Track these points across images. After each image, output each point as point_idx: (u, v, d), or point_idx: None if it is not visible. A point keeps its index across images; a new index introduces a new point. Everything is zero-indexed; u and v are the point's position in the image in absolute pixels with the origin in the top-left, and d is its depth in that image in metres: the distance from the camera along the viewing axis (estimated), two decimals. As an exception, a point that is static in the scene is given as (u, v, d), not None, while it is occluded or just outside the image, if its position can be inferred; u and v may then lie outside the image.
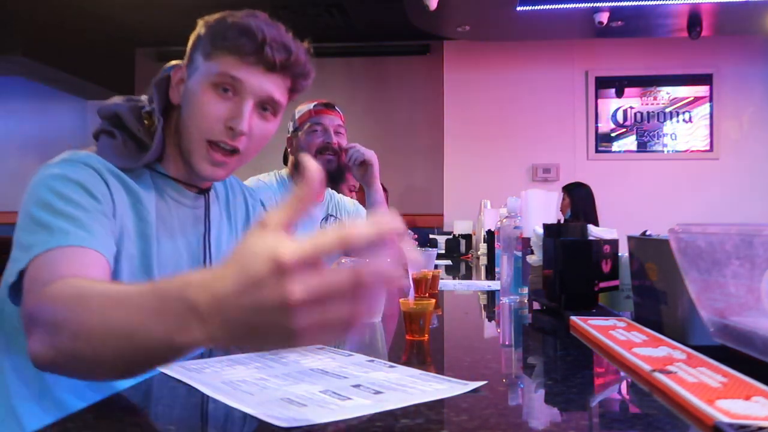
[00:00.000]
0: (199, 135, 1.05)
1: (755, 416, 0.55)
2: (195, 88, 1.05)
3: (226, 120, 1.04)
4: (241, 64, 1.03)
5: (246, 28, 1.02)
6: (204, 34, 1.07)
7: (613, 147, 5.68)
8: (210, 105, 1.04)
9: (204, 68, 1.05)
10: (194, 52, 1.08)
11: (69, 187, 0.95)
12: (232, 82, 1.03)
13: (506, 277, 1.54)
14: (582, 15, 4.75)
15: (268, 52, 1.03)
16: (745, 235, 0.71)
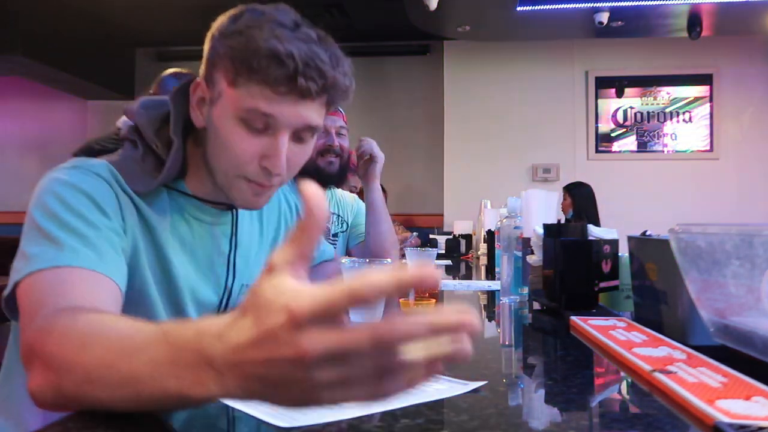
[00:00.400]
0: (232, 172, 0.94)
1: (755, 416, 0.55)
2: (221, 120, 0.92)
3: (261, 159, 0.92)
4: (273, 96, 0.88)
5: (275, 54, 0.86)
6: (224, 54, 0.91)
7: (614, 147, 5.68)
8: (243, 143, 0.91)
9: (229, 98, 0.91)
10: (214, 70, 0.94)
11: (78, 199, 0.87)
12: (264, 119, 0.90)
13: (506, 277, 1.54)
14: (582, 15, 4.75)
15: (302, 81, 0.88)
16: (745, 235, 0.71)
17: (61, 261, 0.80)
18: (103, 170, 0.93)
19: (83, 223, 0.85)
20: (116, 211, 0.91)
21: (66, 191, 0.87)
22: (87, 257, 0.81)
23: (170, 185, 0.99)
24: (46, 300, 0.76)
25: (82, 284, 0.80)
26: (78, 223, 0.85)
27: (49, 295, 0.76)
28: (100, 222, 0.87)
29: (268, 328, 0.46)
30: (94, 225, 0.86)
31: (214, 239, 1.05)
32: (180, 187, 1.00)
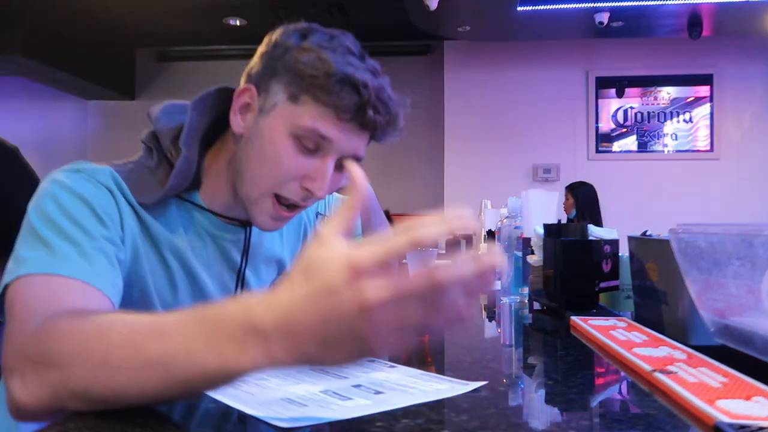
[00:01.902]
0: (268, 187, 0.90)
1: (756, 416, 0.55)
2: (272, 131, 0.89)
3: (303, 179, 0.89)
4: (336, 122, 0.86)
5: (351, 81, 0.85)
6: (291, 66, 0.87)
7: (614, 147, 5.68)
8: (290, 159, 0.88)
9: (287, 111, 0.88)
10: (271, 79, 0.90)
11: (76, 205, 0.84)
12: (320, 141, 0.87)
13: (507, 277, 1.54)
14: (582, 15, 4.75)
15: (371, 114, 0.87)
16: (745, 235, 0.71)
17: (52, 268, 0.77)
18: (105, 176, 0.89)
19: (79, 230, 0.82)
20: (115, 219, 0.88)
21: (64, 196, 0.84)
22: (79, 267, 0.79)
23: (183, 196, 0.95)
24: (36, 306, 0.73)
25: (73, 294, 0.77)
26: (73, 231, 0.82)
27: (39, 301, 0.74)
28: (96, 231, 0.84)
29: (327, 283, 0.47)
30: (90, 234, 0.83)
31: (224, 253, 1.01)
32: (194, 199, 0.96)
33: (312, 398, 0.65)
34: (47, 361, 0.63)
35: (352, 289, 0.46)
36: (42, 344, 0.65)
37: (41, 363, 0.64)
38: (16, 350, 0.68)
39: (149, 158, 0.95)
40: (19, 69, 5.49)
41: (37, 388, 0.63)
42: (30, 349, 0.66)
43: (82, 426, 0.58)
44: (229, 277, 1.02)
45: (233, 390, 0.68)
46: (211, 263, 1.00)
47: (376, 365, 0.81)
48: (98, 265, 0.81)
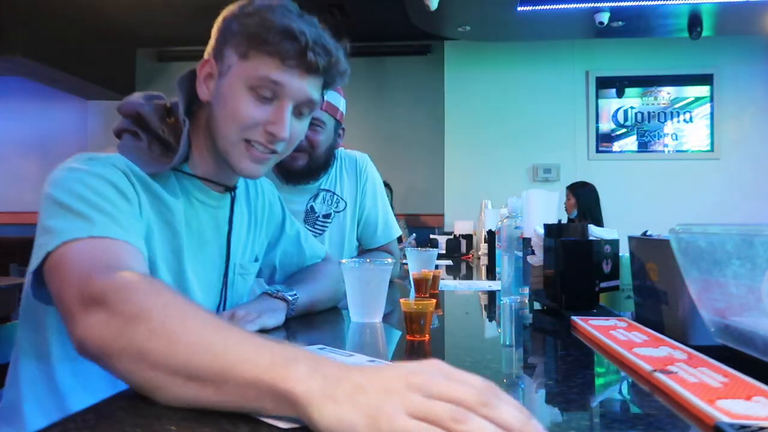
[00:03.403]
0: (237, 136, 1.02)
1: (756, 416, 0.55)
2: (231, 88, 1.01)
3: (266, 124, 1.02)
4: (283, 68, 1.00)
5: (289, 31, 0.98)
6: (238, 31, 1.01)
7: (614, 147, 5.68)
8: (250, 108, 1.01)
9: (240, 69, 1.01)
10: (224, 46, 1.03)
11: (102, 184, 0.91)
12: (272, 87, 1.00)
13: (507, 278, 1.53)
14: (582, 15, 4.75)
15: (311, 56, 1.00)
16: (745, 235, 0.71)
17: (96, 232, 0.83)
18: (117, 161, 0.97)
19: (108, 203, 0.89)
20: (134, 198, 0.95)
21: (89, 178, 0.91)
22: (119, 231, 0.85)
23: (177, 168, 1.05)
24: (93, 260, 0.78)
25: (124, 253, 0.83)
26: (104, 203, 0.88)
27: (95, 257, 0.79)
28: (122, 205, 0.91)
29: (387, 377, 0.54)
30: (118, 206, 0.90)
31: (216, 221, 1.13)
32: (185, 169, 1.07)
33: (312, 398, 0.65)
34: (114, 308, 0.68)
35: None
36: (112, 292, 0.70)
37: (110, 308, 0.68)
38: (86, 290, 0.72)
39: (136, 140, 1.04)
40: (19, 69, 5.50)
41: (101, 329, 0.67)
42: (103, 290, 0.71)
43: (82, 426, 0.58)
44: (221, 246, 1.15)
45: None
46: (208, 232, 1.12)
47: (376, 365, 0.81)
48: (131, 231, 0.89)
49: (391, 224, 1.98)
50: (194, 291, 1.08)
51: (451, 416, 0.49)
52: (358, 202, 1.93)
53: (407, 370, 0.53)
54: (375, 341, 1.10)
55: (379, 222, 1.95)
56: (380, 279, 1.18)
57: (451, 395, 0.51)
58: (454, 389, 0.51)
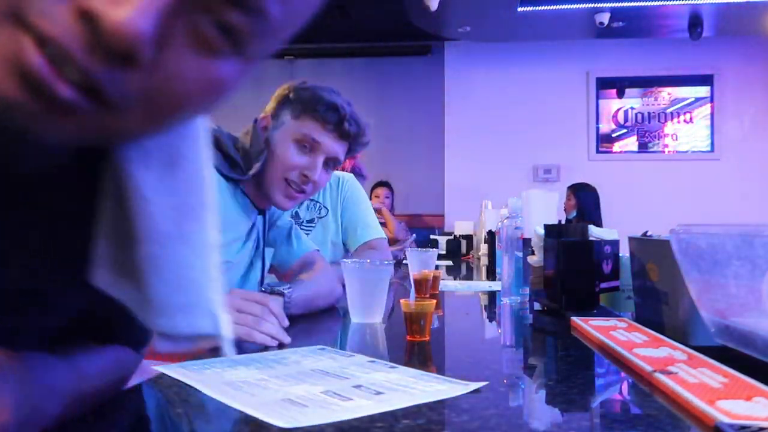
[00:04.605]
0: (279, 174, 1.36)
1: (756, 417, 0.55)
2: (282, 139, 1.37)
3: (303, 168, 1.36)
4: (323, 131, 1.37)
5: (333, 105, 1.37)
6: (294, 99, 1.39)
7: (614, 147, 5.68)
8: (293, 155, 1.36)
9: (291, 126, 1.37)
10: (281, 109, 1.40)
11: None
12: (312, 143, 1.37)
13: (507, 278, 1.54)
14: (583, 16, 4.75)
15: (346, 126, 1.38)
16: (745, 235, 0.71)
17: None
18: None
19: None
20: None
21: None
22: None
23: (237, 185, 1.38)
24: None
25: None
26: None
27: None
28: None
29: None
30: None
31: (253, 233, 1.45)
32: (241, 187, 1.40)
33: (312, 399, 0.65)
34: None
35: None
36: None
37: None
38: None
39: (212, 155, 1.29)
40: (19, 69, 5.49)
41: None
42: None
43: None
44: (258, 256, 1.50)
45: (234, 391, 0.68)
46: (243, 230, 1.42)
47: (376, 366, 0.81)
48: None
49: (371, 225, 2.14)
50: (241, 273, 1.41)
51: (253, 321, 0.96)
52: (339, 211, 2.16)
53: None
54: (375, 342, 1.11)
55: (358, 224, 2.12)
56: (380, 279, 1.19)
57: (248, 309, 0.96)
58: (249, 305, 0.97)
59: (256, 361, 0.85)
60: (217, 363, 0.83)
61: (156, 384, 0.74)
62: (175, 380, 0.74)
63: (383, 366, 0.81)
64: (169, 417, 0.60)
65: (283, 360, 0.85)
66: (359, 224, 2.10)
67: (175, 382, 0.73)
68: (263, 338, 0.96)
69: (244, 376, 0.75)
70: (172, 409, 0.63)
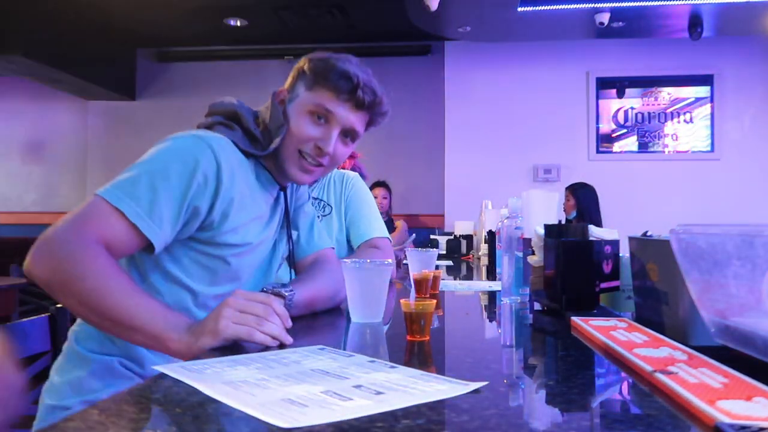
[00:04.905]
0: (294, 147, 1.30)
1: (756, 417, 0.55)
2: (296, 111, 1.31)
3: (317, 140, 1.30)
4: (337, 100, 1.29)
5: (345, 73, 1.28)
6: (308, 69, 1.32)
7: (614, 147, 5.68)
8: (307, 126, 1.30)
9: (305, 97, 1.31)
10: (297, 81, 1.34)
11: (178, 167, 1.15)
12: (326, 113, 1.29)
13: (507, 278, 1.54)
14: (583, 16, 4.75)
15: (360, 94, 1.29)
16: (746, 235, 0.71)
17: (122, 205, 1.09)
18: (216, 142, 1.21)
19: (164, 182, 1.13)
20: (211, 180, 1.17)
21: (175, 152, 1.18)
22: (144, 222, 1.10)
23: (258, 160, 1.33)
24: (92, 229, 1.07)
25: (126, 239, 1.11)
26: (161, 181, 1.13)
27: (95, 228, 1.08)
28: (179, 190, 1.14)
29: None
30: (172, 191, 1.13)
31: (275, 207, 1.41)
32: (262, 162, 1.35)
33: (312, 399, 0.65)
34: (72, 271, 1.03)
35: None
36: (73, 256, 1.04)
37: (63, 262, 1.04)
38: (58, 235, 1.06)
39: (233, 132, 1.30)
40: (19, 69, 5.49)
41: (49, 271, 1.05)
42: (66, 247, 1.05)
43: (82, 426, 0.58)
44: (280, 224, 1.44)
45: (234, 391, 0.68)
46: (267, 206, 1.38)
47: (376, 366, 0.81)
48: (157, 222, 1.12)
49: (374, 224, 2.11)
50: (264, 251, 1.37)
51: (255, 322, 0.96)
52: (343, 209, 2.13)
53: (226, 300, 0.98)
54: (375, 342, 1.11)
55: (362, 221, 2.10)
56: (380, 279, 1.19)
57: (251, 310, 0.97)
58: (252, 306, 0.97)
59: (256, 361, 0.85)
60: (217, 363, 0.83)
61: (156, 384, 0.74)
62: (175, 380, 0.74)
63: (383, 366, 0.81)
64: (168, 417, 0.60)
65: (283, 360, 0.85)
66: (362, 222, 2.09)
67: (175, 382, 0.73)
68: (264, 338, 0.96)
69: (244, 376, 0.75)
70: (172, 409, 0.63)
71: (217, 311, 0.98)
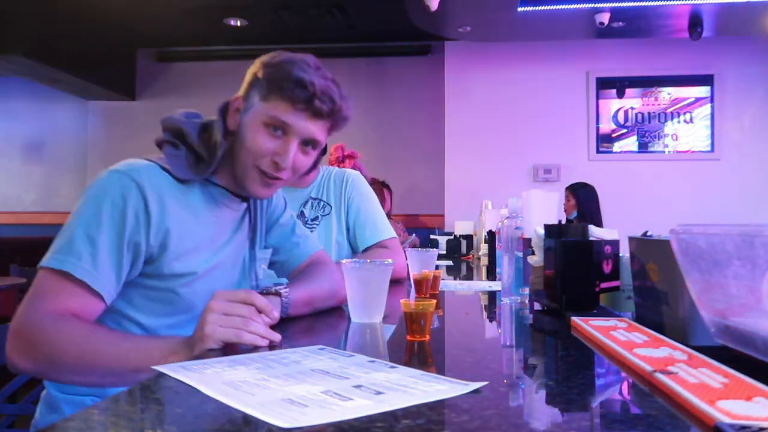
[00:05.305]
0: (251, 163, 1.23)
1: (756, 417, 0.55)
2: (250, 123, 1.23)
3: (273, 155, 1.22)
4: (293, 111, 1.21)
5: (301, 81, 1.20)
6: (262, 77, 1.24)
7: (614, 148, 5.68)
8: (263, 140, 1.22)
9: (260, 108, 1.23)
10: (251, 89, 1.26)
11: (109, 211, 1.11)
12: (282, 125, 1.22)
13: (507, 278, 1.53)
14: (583, 16, 4.75)
15: (317, 104, 1.22)
16: (746, 235, 0.71)
17: (66, 267, 1.06)
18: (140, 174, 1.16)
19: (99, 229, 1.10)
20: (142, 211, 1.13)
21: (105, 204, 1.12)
22: (91, 275, 1.07)
23: (207, 178, 1.26)
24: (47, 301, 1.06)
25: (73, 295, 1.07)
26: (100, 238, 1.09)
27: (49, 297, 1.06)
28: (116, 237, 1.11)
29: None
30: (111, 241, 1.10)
31: (240, 223, 1.35)
32: (213, 180, 1.28)
33: (312, 399, 0.65)
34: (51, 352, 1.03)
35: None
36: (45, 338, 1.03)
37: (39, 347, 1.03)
38: (23, 326, 1.04)
39: (176, 150, 1.24)
40: (19, 69, 5.49)
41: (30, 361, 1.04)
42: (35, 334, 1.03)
43: (82, 426, 0.58)
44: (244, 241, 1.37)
45: (234, 391, 0.68)
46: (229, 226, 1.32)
47: (376, 366, 0.81)
48: (104, 271, 1.09)
49: (379, 226, 2.08)
50: (222, 275, 1.29)
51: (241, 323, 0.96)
52: (345, 209, 2.09)
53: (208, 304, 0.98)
54: (375, 342, 1.10)
55: (368, 223, 2.07)
56: (380, 279, 1.18)
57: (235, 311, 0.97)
58: (235, 307, 0.98)
59: (256, 361, 0.85)
60: (217, 363, 0.83)
61: (156, 384, 0.74)
62: (175, 380, 0.74)
63: (383, 366, 0.81)
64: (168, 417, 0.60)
65: (283, 360, 0.85)
66: (367, 225, 2.05)
67: (175, 382, 0.73)
68: (253, 338, 0.96)
69: (244, 376, 0.75)
70: (172, 409, 0.63)
71: (202, 318, 0.98)
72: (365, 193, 2.12)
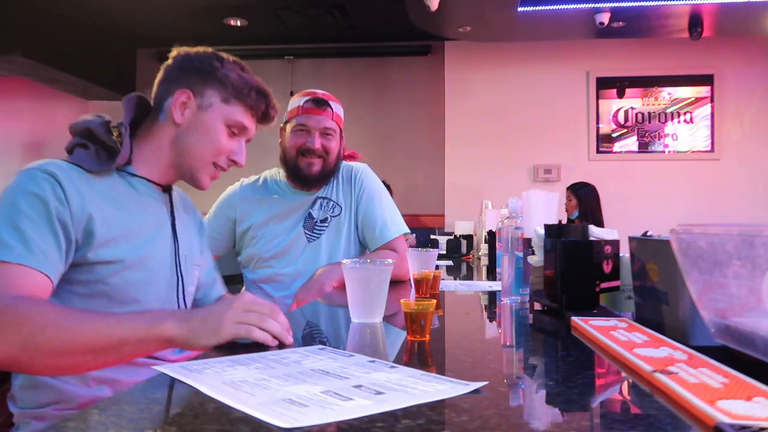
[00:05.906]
0: (209, 158, 1.32)
1: (756, 417, 0.55)
2: (210, 122, 1.32)
3: (230, 154, 1.35)
4: (252, 118, 1.37)
5: (263, 92, 1.37)
6: (223, 79, 1.33)
7: (615, 147, 5.68)
8: (225, 141, 1.33)
9: (221, 110, 1.32)
10: (206, 86, 1.33)
11: (26, 198, 1.10)
12: (241, 128, 1.35)
13: (507, 278, 1.54)
14: (583, 15, 4.75)
15: (272, 113, 1.40)
16: (746, 235, 0.71)
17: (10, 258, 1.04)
18: (51, 167, 1.15)
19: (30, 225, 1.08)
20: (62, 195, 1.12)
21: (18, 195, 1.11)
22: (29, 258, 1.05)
23: (122, 168, 1.28)
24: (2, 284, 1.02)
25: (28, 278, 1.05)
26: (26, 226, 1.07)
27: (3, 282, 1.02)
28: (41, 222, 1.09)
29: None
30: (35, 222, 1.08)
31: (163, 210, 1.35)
32: (129, 170, 1.30)
33: (313, 398, 0.65)
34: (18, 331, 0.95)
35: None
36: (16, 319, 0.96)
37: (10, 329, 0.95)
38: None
39: (87, 151, 1.25)
40: (19, 69, 5.49)
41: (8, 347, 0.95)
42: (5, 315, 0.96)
43: (82, 426, 0.58)
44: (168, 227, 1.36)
45: (234, 391, 0.68)
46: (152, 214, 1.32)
47: (376, 366, 0.81)
48: (41, 254, 1.07)
49: (388, 224, 2.03)
50: (155, 266, 1.28)
51: (257, 319, 0.96)
52: (354, 207, 2.04)
53: (231, 300, 0.98)
54: (375, 341, 1.10)
55: (377, 223, 2.02)
56: (380, 279, 1.18)
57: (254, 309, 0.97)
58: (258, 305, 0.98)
59: (256, 361, 0.85)
60: (217, 363, 0.83)
61: (156, 384, 0.74)
62: (175, 380, 0.74)
63: (383, 366, 0.81)
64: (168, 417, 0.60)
65: (283, 360, 0.85)
66: (377, 222, 2.01)
67: (175, 382, 0.73)
68: (264, 336, 0.95)
69: (244, 376, 0.75)
70: (172, 409, 0.63)
71: (220, 310, 0.96)
72: (375, 187, 2.08)
